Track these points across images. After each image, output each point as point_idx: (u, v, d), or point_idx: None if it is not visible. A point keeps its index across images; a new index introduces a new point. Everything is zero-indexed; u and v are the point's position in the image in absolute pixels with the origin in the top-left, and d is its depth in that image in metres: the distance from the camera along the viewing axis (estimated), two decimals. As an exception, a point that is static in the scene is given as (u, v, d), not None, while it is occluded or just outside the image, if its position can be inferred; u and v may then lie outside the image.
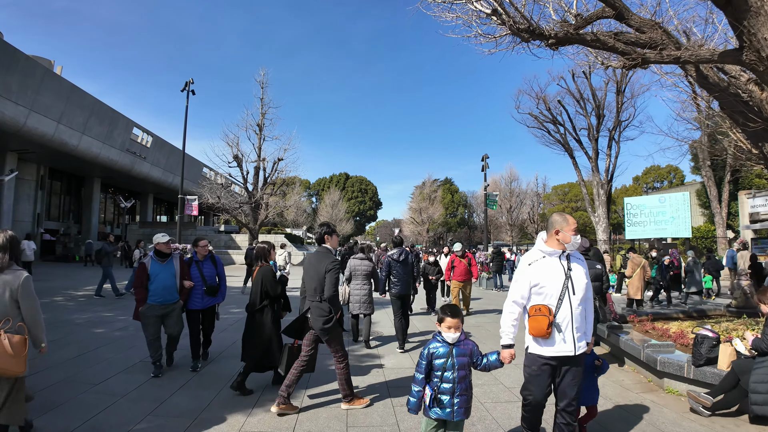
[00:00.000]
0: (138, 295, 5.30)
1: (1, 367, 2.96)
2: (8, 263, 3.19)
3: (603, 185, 26.07)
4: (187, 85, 16.36)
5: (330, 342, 4.30)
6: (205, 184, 23.40)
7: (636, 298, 9.61)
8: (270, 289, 5.00)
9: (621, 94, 26.72)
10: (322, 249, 4.53)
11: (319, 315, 4.21)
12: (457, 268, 9.74)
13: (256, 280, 5.07)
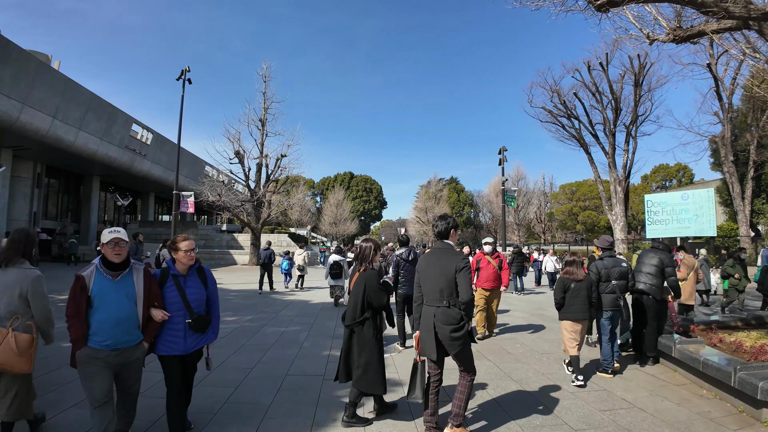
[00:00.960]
0: (72, 330, 3.02)
1: (6, 364, 2.97)
2: (18, 259, 3.19)
3: (620, 182, 24.78)
4: (183, 74, 15.26)
5: (458, 354, 3.61)
6: (205, 182, 22.26)
7: (689, 304, 8.37)
8: (374, 299, 3.96)
9: (639, 87, 25.46)
10: (443, 245, 3.83)
11: (446, 322, 3.56)
12: (484, 272, 7.50)
13: (357, 288, 4.06)
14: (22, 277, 3.13)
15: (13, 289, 3.09)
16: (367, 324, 3.95)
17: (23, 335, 3.07)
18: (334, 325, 8.17)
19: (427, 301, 3.72)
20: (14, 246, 3.24)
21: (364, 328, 3.94)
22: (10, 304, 3.10)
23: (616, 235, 24.41)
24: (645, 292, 6.07)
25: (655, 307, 6.09)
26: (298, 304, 11.10)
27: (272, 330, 7.70)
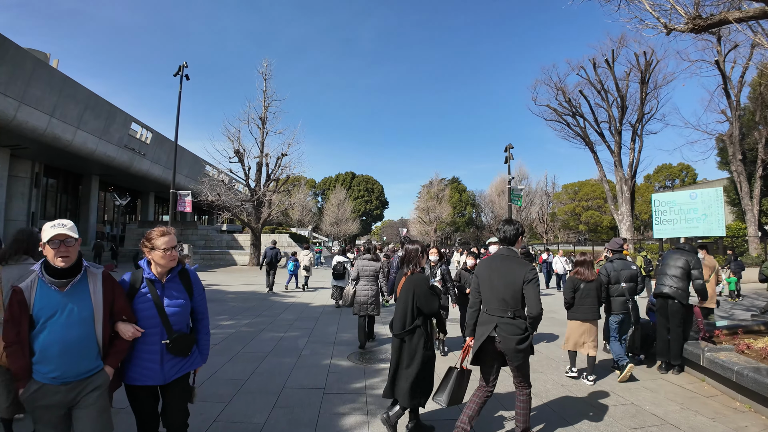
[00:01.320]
0: (12, 361, 2.33)
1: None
2: (20, 256, 3.15)
3: (626, 181, 24.29)
4: (181, 69, 14.82)
5: (520, 367, 3.47)
6: (204, 181, 21.82)
7: (710, 307, 7.89)
8: (424, 305, 3.64)
9: (645, 84, 24.97)
10: (508, 252, 3.61)
11: (512, 333, 3.37)
12: None
13: (405, 293, 3.72)
14: (25, 273, 2.86)
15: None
16: (418, 332, 3.61)
17: None
18: (335, 330, 7.72)
19: (488, 309, 3.51)
20: (16, 244, 3.22)
21: (414, 337, 3.60)
22: None
23: (622, 235, 23.92)
24: (670, 296, 5.61)
25: (682, 312, 5.65)
26: (298, 306, 10.66)
27: (270, 336, 7.25)
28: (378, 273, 6.90)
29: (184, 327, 2.72)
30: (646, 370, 5.85)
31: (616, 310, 5.53)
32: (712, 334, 6.29)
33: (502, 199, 58.93)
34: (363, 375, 5.24)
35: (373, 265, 6.88)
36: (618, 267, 5.64)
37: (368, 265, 6.87)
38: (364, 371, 5.40)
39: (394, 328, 3.72)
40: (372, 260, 6.94)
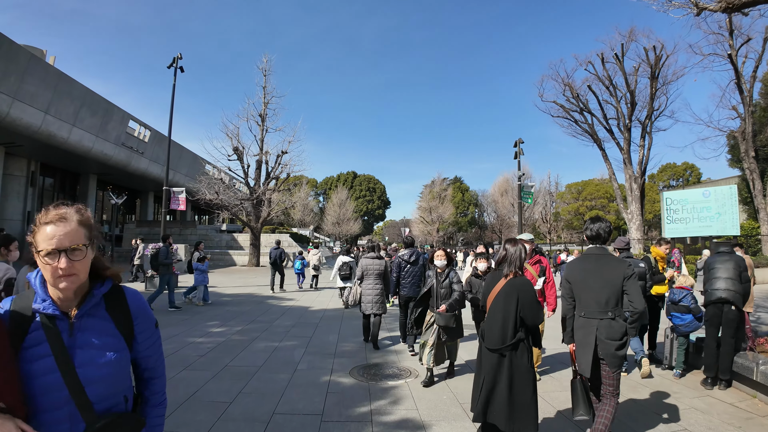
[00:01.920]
0: None
1: None
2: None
3: (636, 179, 23.47)
4: (175, 61, 14.11)
5: (615, 373, 3.27)
6: (202, 179, 21.09)
7: (749, 311, 7.13)
8: (530, 315, 3.15)
9: (655, 80, 24.13)
10: (600, 250, 3.50)
11: (611, 337, 3.22)
12: None
13: (506, 300, 3.17)
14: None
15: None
16: (522, 347, 3.13)
17: None
18: (336, 339, 6.94)
19: (586, 313, 3.33)
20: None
21: (518, 353, 3.11)
22: None
23: (632, 235, 23.11)
24: (728, 300, 4.91)
25: (738, 320, 4.97)
26: (296, 311, 9.90)
27: (263, 345, 6.49)
28: (382, 272, 6.77)
29: (118, 400, 1.40)
30: (690, 385, 5.14)
31: (625, 309, 5.23)
32: (755, 342, 5.57)
33: (505, 198, 58.16)
34: (368, 396, 4.46)
35: (378, 263, 6.77)
36: None
37: (372, 263, 6.77)
38: (368, 391, 4.62)
39: (489, 340, 3.18)
40: (376, 258, 6.84)
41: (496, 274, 3.39)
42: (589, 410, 3.32)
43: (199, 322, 8.15)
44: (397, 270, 6.54)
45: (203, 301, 10.56)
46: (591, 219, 3.63)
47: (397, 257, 6.71)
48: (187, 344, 6.43)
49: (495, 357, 3.11)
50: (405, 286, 6.48)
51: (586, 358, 3.24)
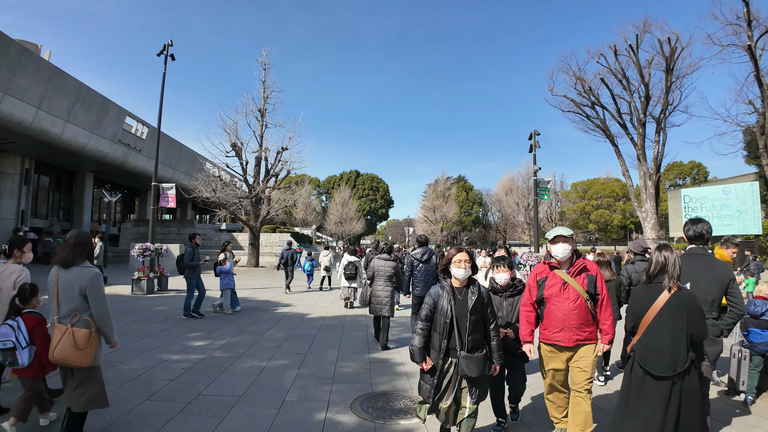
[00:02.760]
0: None
1: (66, 358, 2.98)
2: (78, 260, 3.14)
3: (651, 176, 22.29)
4: (166, 48, 13.07)
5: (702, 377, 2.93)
6: (199, 176, 20.08)
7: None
8: (700, 332, 2.75)
9: (670, 73, 22.95)
10: (702, 251, 3.44)
11: (716, 334, 3.24)
12: (555, 305, 3.23)
13: (672, 316, 2.73)
14: (82, 275, 3.09)
15: (74, 286, 3.06)
16: (693, 371, 2.74)
17: (81, 330, 3.03)
18: (335, 357, 5.84)
19: None
20: (79, 249, 3.16)
21: (691, 377, 2.71)
22: (71, 302, 3.08)
23: (647, 234, 21.93)
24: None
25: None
26: (292, 319, 8.82)
27: (248, 366, 5.42)
28: (393, 273, 6.58)
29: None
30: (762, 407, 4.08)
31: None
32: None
33: (510, 197, 56.99)
34: (369, 347, 3.39)
35: (389, 264, 6.61)
36: (639, 269, 5.44)
37: (384, 264, 6.60)
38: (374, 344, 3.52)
39: (657, 366, 2.70)
40: (388, 260, 6.66)
41: (652, 288, 2.90)
42: None
43: (179, 334, 7.10)
44: (409, 269, 6.39)
45: (231, 308, 9.31)
46: (692, 220, 3.63)
47: (410, 256, 6.54)
48: (158, 363, 5.38)
49: (665, 386, 2.66)
50: (417, 285, 6.30)
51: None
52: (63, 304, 3.07)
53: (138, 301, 11.03)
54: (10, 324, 3.18)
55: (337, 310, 10.01)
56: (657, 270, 2.89)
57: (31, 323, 3.31)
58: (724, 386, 4.94)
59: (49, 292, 3.15)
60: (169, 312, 9.29)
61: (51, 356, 2.98)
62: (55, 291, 3.06)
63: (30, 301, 3.48)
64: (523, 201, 54.07)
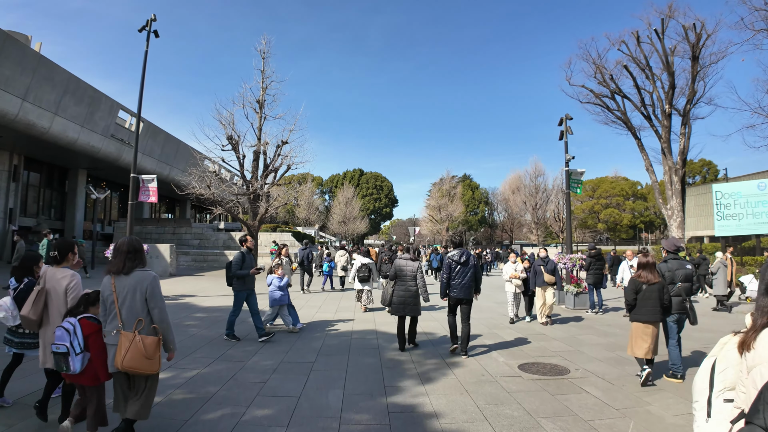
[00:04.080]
0: None
1: (136, 367, 2.92)
2: (135, 265, 3.11)
3: (677, 170, 20.55)
4: (149, 24, 11.48)
5: None
6: (193, 172, 18.47)
7: None
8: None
9: (696, 61, 21.19)
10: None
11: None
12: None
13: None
14: (141, 279, 3.07)
15: (135, 291, 3.04)
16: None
17: (149, 338, 2.99)
18: (339, 402, 4.16)
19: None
20: (131, 256, 3.11)
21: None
22: (133, 307, 3.04)
23: (673, 233, 20.19)
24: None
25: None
26: (286, 338, 7.09)
27: (215, 416, 3.77)
28: (416, 273, 6.43)
29: None
30: None
31: (673, 310, 5.29)
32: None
33: (516, 196, 55.18)
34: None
35: (412, 264, 6.51)
36: (673, 267, 5.50)
37: (407, 264, 6.48)
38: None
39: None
40: (411, 260, 6.54)
41: None
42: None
43: None
44: (447, 271, 6.18)
45: (293, 326, 7.46)
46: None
47: (447, 258, 6.30)
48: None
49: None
50: (455, 288, 6.11)
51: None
52: (125, 312, 3.02)
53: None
54: (67, 328, 3.07)
55: (344, 324, 8.35)
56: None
57: (88, 329, 3.19)
58: None
59: (105, 302, 3.09)
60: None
61: (120, 365, 2.90)
62: (114, 299, 3.01)
63: (89, 308, 3.34)
64: (530, 200, 52.27)
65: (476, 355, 6.11)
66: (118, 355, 2.91)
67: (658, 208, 58.63)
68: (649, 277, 5.05)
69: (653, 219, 58.09)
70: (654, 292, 5.00)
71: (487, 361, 5.75)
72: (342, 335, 7.29)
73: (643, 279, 5.08)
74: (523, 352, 6.31)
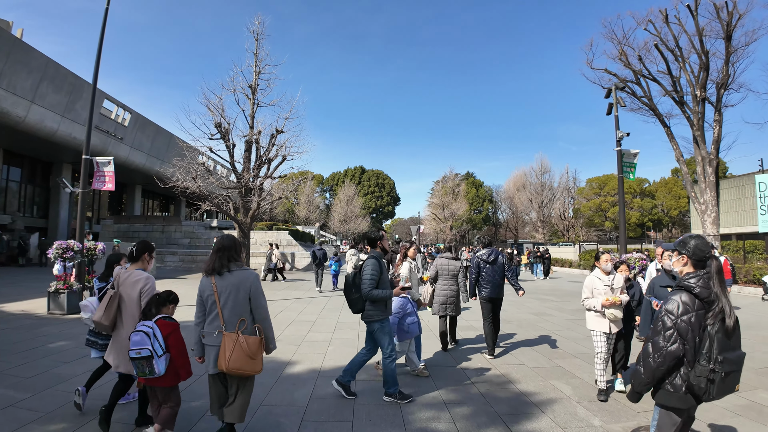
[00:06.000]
0: None
1: (241, 367, 2.81)
2: (229, 264, 2.98)
3: (710, 161, 18.40)
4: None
5: None
6: (177, 163, 16.38)
7: None
8: None
9: (729, 41, 19.05)
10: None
11: None
12: None
13: None
14: (244, 278, 2.96)
15: (238, 290, 2.92)
16: None
17: (252, 337, 2.88)
18: None
19: None
20: (222, 253, 2.99)
21: None
22: (236, 307, 2.92)
23: (707, 230, 18.03)
24: None
25: None
26: (261, 377, 4.97)
27: None
28: (458, 272, 6.20)
29: None
30: None
31: None
32: None
33: (522, 194, 53.04)
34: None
35: (453, 264, 6.21)
36: None
37: (448, 263, 6.20)
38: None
39: None
40: (452, 259, 6.26)
41: None
42: None
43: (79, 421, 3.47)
44: (476, 271, 6.01)
45: (420, 365, 4.99)
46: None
47: (476, 257, 6.08)
48: None
49: None
50: (486, 287, 5.91)
51: None
52: (227, 312, 2.91)
53: (49, 326, 7.31)
54: (145, 330, 2.97)
55: (340, 352, 6.20)
56: None
57: (166, 329, 3.10)
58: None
59: (205, 302, 2.98)
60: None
61: (225, 367, 2.78)
62: (216, 299, 2.91)
63: (161, 308, 3.24)
64: (536, 198, 50.10)
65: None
66: (222, 357, 2.79)
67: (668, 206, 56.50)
68: None
69: (661, 217, 55.92)
70: None
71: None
72: (340, 372, 5.17)
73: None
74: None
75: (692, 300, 2.17)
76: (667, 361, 2.13)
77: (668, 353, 2.12)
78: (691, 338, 2.12)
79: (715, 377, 2.05)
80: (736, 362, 2.10)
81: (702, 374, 2.07)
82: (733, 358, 2.08)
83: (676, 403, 2.19)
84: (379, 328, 4.17)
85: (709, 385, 2.08)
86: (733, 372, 2.09)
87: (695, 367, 2.12)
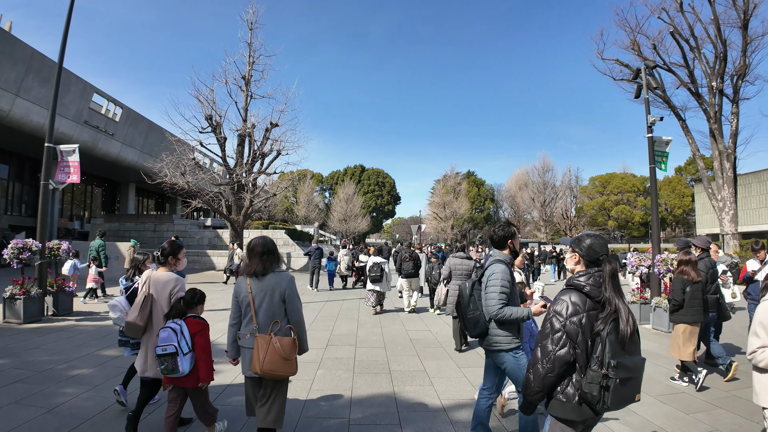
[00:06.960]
0: None
1: (275, 369, 2.74)
2: (271, 267, 2.90)
3: (728, 155, 17.37)
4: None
5: None
6: (164, 157, 15.39)
7: None
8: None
9: (745, 30, 18.04)
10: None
11: None
12: None
13: None
14: (279, 280, 2.89)
15: (273, 293, 2.85)
16: None
17: (285, 339, 2.80)
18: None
19: None
20: (267, 257, 2.89)
21: None
22: (270, 309, 2.85)
23: (726, 228, 17.00)
24: None
25: None
26: (230, 413, 3.96)
27: None
28: (471, 272, 6.10)
29: None
30: None
31: (711, 308, 5.02)
32: None
33: (524, 192, 52.05)
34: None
35: (467, 263, 6.25)
36: (709, 264, 5.24)
37: (461, 263, 6.29)
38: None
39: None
40: (466, 258, 6.35)
41: None
42: None
43: None
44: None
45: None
46: None
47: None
48: None
49: None
50: None
51: None
52: (261, 314, 2.85)
53: (3, 337, 6.29)
54: (173, 327, 2.98)
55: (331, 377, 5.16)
56: None
57: (194, 328, 3.12)
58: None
59: (240, 304, 2.90)
60: (55, 372, 4.56)
61: (259, 369, 2.70)
62: (250, 300, 2.85)
63: (196, 306, 3.26)
64: (538, 197, 49.09)
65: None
66: (255, 360, 2.72)
67: (671, 205, 55.44)
68: (693, 275, 4.76)
69: (665, 216, 54.87)
70: (698, 291, 4.75)
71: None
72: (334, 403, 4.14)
73: (689, 277, 4.73)
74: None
75: (582, 300, 1.97)
76: (556, 366, 1.92)
77: (557, 358, 1.92)
78: (582, 341, 1.91)
79: (610, 383, 1.81)
80: (633, 369, 1.87)
81: (594, 380, 1.85)
82: (629, 364, 1.85)
83: (571, 415, 1.95)
84: (513, 361, 3.04)
85: (603, 393, 1.84)
86: (631, 379, 1.86)
87: (587, 373, 1.89)
